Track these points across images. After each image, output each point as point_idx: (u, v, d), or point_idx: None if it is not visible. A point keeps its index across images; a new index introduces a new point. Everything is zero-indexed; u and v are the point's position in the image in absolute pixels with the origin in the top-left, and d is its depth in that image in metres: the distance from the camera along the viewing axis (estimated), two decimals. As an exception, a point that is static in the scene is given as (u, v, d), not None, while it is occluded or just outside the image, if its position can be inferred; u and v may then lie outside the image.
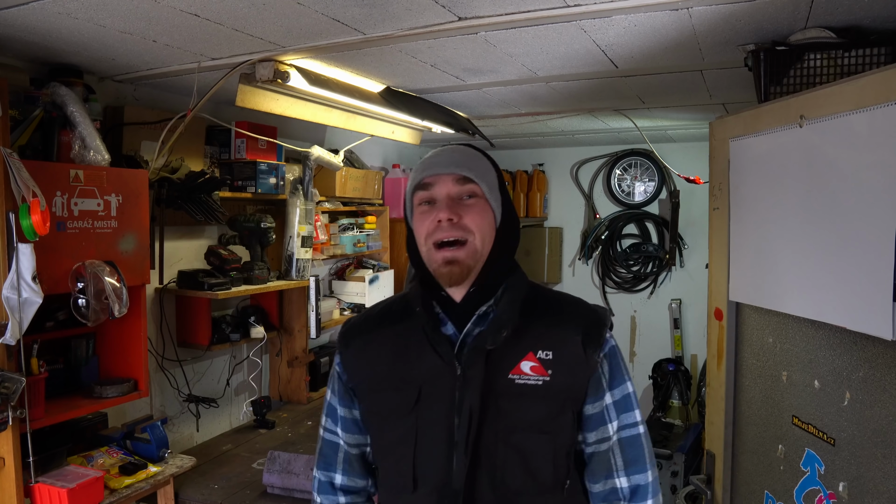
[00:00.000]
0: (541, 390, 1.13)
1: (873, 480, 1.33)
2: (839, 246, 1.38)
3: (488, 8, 1.61)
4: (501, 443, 1.12)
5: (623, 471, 1.19)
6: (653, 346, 4.80)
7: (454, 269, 1.12)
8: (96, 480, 1.98)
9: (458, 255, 1.13)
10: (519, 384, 1.13)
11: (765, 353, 1.72)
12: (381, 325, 1.25)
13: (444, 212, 1.12)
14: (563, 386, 1.14)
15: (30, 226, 1.70)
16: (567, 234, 5.03)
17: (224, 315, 2.93)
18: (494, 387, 1.13)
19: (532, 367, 1.14)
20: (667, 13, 1.65)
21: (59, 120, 2.01)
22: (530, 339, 1.16)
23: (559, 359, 1.14)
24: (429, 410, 1.15)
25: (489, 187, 1.17)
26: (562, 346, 1.15)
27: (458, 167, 1.15)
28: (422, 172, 1.17)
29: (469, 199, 1.15)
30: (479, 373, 1.12)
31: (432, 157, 1.19)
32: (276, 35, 1.83)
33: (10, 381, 1.74)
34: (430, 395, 1.15)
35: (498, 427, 1.12)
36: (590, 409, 1.18)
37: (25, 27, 1.73)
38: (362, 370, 1.24)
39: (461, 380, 1.12)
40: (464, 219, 1.13)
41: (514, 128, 3.83)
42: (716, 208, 1.91)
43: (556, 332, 1.17)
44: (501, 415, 1.13)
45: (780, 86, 1.73)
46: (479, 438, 1.12)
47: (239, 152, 2.86)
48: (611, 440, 1.19)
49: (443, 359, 1.14)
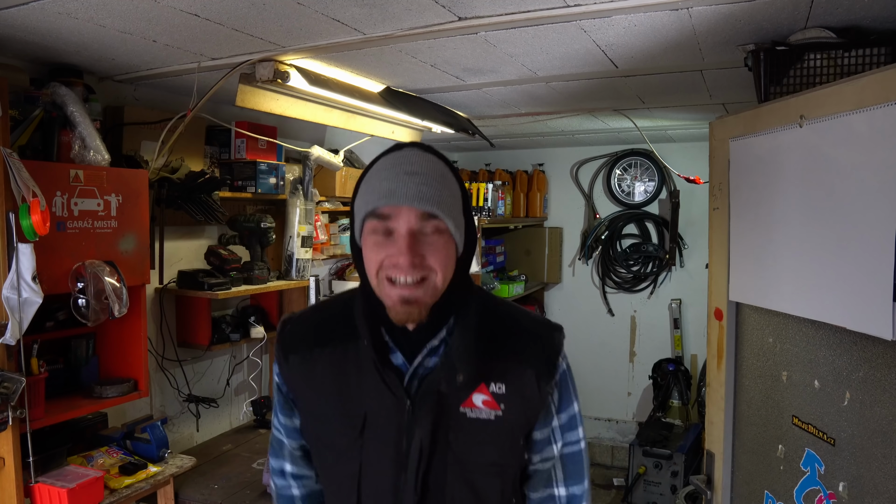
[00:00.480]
0: (492, 426, 1.09)
1: (873, 480, 1.33)
2: (839, 246, 1.37)
3: (488, 8, 1.61)
4: (451, 477, 1.09)
5: (562, 482, 1.21)
6: (653, 346, 4.80)
7: (412, 311, 1.01)
8: (96, 480, 1.98)
9: (416, 294, 1.01)
10: (470, 418, 1.08)
11: (765, 353, 1.72)
12: (324, 341, 1.15)
13: (405, 256, 0.98)
14: (515, 420, 1.11)
15: (30, 226, 1.70)
16: (567, 234, 5.03)
17: (224, 315, 2.93)
18: (445, 420, 1.08)
19: (484, 400, 1.09)
20: (667, 13, 1.65)
21: (59, 120, 2.01)
22: (483, 370, 1.09)
23: (512, 393, 1.10)
24: (375, 442, 1.09)
25: (455, 222, 1.03)
26: (515, 379, 1.10)
27: (423, 201, 0.99)
28: (379, 199, 1.00)
29: (431, 235, 1.01)
30: (430, 411, 1.07)
31: (391, 180, 1.01)
32: (276, 35, 1.83)
33: (10, 381, 1.74)
34: (376, 426, 1.09)
35: (447, 461, 1.08)
36: (538, 434, 1.17)
37: (25, 27, 1.73)
38: (301, 388, 1.17)
39: (410, 414, 1.06)
40: (427, 259, 1.00)
41: (514, 128, 3.83)
42: (716, 208, 1.91)
43: (509, 365, 1.11)
44: (451, 449, 1.08)
45: (780, 86, 1.73)
46: (429, 471, 1.08)
47: (239, 152, 2.86)
48: (553, 458, 1.19)
49: (391, 391, 1.07)
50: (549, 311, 5.12)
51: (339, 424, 1.12)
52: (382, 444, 1.09)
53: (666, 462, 3.99)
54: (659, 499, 4.03)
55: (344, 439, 1.12)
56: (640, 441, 4.14)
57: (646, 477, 4.05)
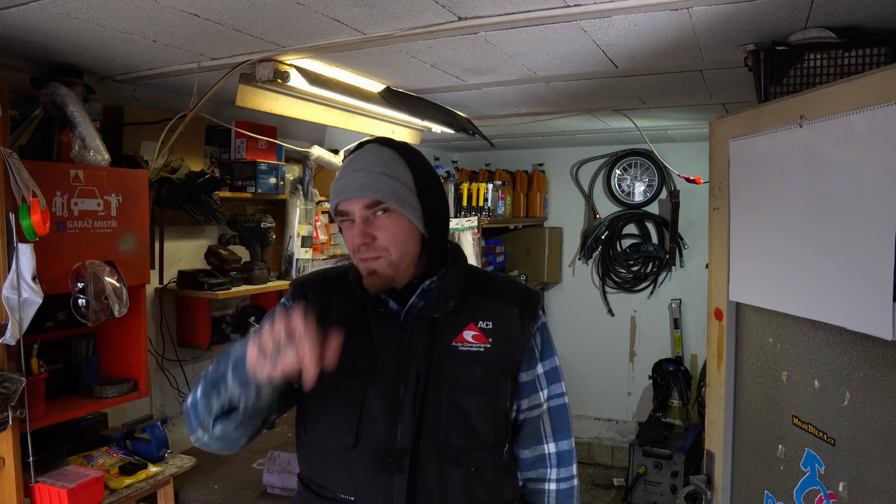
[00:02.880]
0: (482, 356, 1.23)
1: (873, 480, 1.33)
2: (839, 246, 1.37)
3: (488, 8, 1.61)
4: (445, 403, 1.21)
5: (552, 437, 1.32)
6: (653, 346, 4.81)
7: (375, 280, 1.19)
8: (96, 480, 1.98)
9: (376, 266, 1.19)
10: (462, 350, 1.23)
11: (765, 353, 1.72)
12: (339, 289, 1.30)
13: (358, 237, 1.18)
14: (502, 353, 1.24)
15: (30, 226, 1.70)
16: (567, 234, 5.04)
17: (224, 315, 2.93)
18: (439, 353, 1.22)
19: (474, 335, 1.24)
20: (667, 13, 1.65)
21: (59, 120, 2.01)
22: (471, 311, 1.25)
23: (498, 328, 1.25)
24: (376, 374, 1.21)
25: (401, 199, 1.18)
26: (500, 317, 1.26)
27: (364, 191, 1.17)
28: (336, 196, 1.20)
29: (381, 216, 1.18)
30: (425, 340, 1.21)
31: (343, 178, 1.20)
32: (276, 35, 1.83)
33: (10, 381, 1.74)
34: (379, 360, 1.22)
35: (441, 389, 1.21)
36: (524, 376, 1.30)
37: (25, 27, 1.73)
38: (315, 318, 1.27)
39: (407, 347, 1.21)
40: (377, 239, 1.18)
41: (514, 128, 3.83)
42: (716, 208, 1.91)
43: (495, 305, 1.27)
44: (445, 378, 1.21)
45: (780, 86, 1.73)
46: (424, 400, 1.20)
47: (239, 152, 2.86)
48: (541, 408, 1.31)
49: (389, 328, 1.22)
50: (549, 311, 5.13)
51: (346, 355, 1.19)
52: (383, 376, 1.21)
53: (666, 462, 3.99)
54: (659, 499, 4.03)
55: (350, 370, 1.21)
56: (640, 441, 4.14)
57: (646, 477, 4.05)
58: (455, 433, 1.20)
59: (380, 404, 1.20)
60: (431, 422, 1.20)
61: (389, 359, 1.22)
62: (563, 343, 5.06)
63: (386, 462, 1.18)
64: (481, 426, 1.22)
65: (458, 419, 1.21)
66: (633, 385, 4.91)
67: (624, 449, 4.78)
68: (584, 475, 4.73)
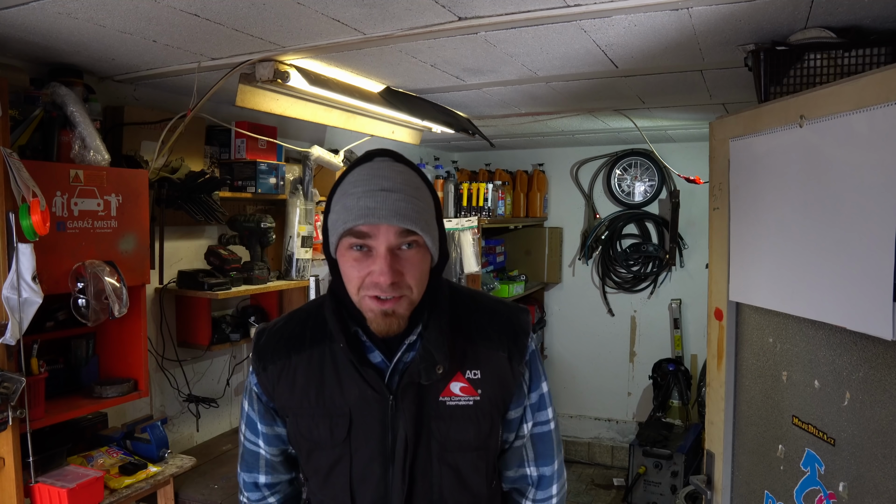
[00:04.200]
0: (471, 410, 1.16)
1: (873, 480, 1.33)
2: (839, 246, 1.37)
3: (488, 8, 1.61)
4: (436, 462, 1.15)
5: (533, 462, 1.28)
6: (653, 346, 4.80)
7: (392, 322, 1.07)
8: (96, 480, 1.98)
9: (396, 307, 1.06)
10: (450, 406, 1.15)
11: (765, 353, 1.72)
12: (300, 349, 1.18)
13: (386, 276, 1.02)
14: (492, 403, 1.18)
15: (30, 226, 1.70)
16: (567, 234, 5.03)
17: (224, 315, 2.93)
18: (426, 410, 1.14)
19: (462, 387, 1.15)
20: (667, 13, 1.65)
21: (59, 120, 2.01)
22: (457, 359, 1.15)
23: (487, 376, 1.17)
24: (361, 438, 1.15)
25: (431, 235, 1.08)
26: (488, 363, 1.17)
27: (402, 218, 1.02)
28: (357, 217, 1.02)
29: (409, 250, 1.05)
30: (412, 403, 1.13)
31: (368, 197, 1.03)
32: (276, 35, 1.83)
33: (10, 381, 1.74)
34: (361, 422, 1.15)
35: (432, 448, 1.15)
36: (512, 413, 1.24)
37: (25, 27, 1.73)
38: (283, 396, 1.20)
39: (393, 409, 1.13)
40: (405, 276, 1.05)
41: (514, 128, 3.83)
42: (716, 208, 1.91)
43: (482, 351, 1.17)
44: (434, 436, 1.15)
45: (780, 86, 1.73)
46: (415, 460, 1.14)
47: (239, 152, 2.86)
48: (524, 437, 1.27)
49: (373, 388, 1.12)
50: (549, 311, 5.13)
51: (325, 425, 1.17)
52: (369, 439, 1.15)
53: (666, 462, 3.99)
54: (659, 499, 4.03)
55: (332, 439, 1.16)
56: (640, 441, 4.14)
57: (646, 477, 4.05)
58: (448, 491, 1.17)
59: (368, 468, 1.15)
60: (423, 482, 1.15)
61: (372, 417, 1.14)
62: (563, 343, 5.06)
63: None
64: (474, 479, 1.19)
65: (451, 476, 1.17)
66: (633, 385, 4.91)
67: (624, 449, 4.78)
68: (584, 475, 4.74)
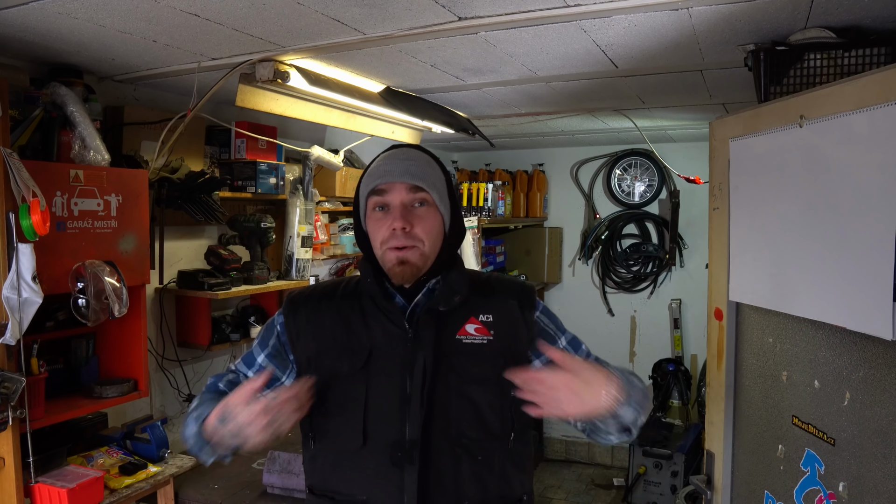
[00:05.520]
0: (486, 348, 1.26)
1: (873, 480, 1.33)
2: (839, 246, 1.37)
3: (488, 8, 1.61)
4: (454, 394, 1.23)
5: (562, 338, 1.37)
6: (653, 346, 4.80)
7: (405, 269, 1.22)
8: (96, 480, 1.98)
9: (408, 256, 1.21)
10: (466, 343, 1.26)
11: (765, 353, 1.72)
12: (330, 298, 1.33)
13: (398, 221, 1.21)
14: (505, 343, 1.28)
15: (30, 226, 1.70)
16: (567, 234, 5.03)
17: (224, 315, 2.93)
18: (444, 347, 1.24)
19: (476, 328, 1.28)
20: (667, 13, 1.65)
21: (59, 120, 2.01)
22: (471, 306, 1.29)
23: (499, 320, 1.29)
24: (379, 370, 1.24)
25: (439, 195, 1.26)
26: (500, 310, 1.30)
27: (411, 177, 1.22)
28: (377, 179, 1.24)
29: (420, 207, 1.24)
30: (431, 333, 1.24)
31: (387, 164, 1.25)
32: (276, 35, 1.83)
33: (10, 381, 1.74)
34: (381, 356, 1.24)
35: (450, 381, 1.24)
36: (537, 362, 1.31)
37: (25, 27, 1.73)
38: (307, 333, 1.30)
39: (413, 341, 1.23)
40: (415, 228, 1.22)
41: (514, 128, 3.83)
42: (716, 208, 1.91)
43: (493, 300, 1.31)
44: (452, 370, 1.24)
45: (780, 86, 1.73)
46: (433, 393, 1.22)
47: (239, 152, 2.86)
48: None
49: (394, 323, 1.25)
50: (549, 311, 5.12)
51: (345, 357, 1.25)
52: (387, 371, 1.23)
53: (666, 462, 3.99)
54: (659, 499, 4.03)
55: (350, 369, 1.25)
56: (640, 441, 4.14)
57: (646, 477, 4.05)
58: (466, 424, 1.23)
59: (385, 400, 1.22)
60: (441, 413, 1.22)
61: (393, 353, 1.24)
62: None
63: (396, 456, 1.20)
64: (490, 415, 1.25)
65: (469, 410, 1.24)
66: (633, 385, 4.91)
67: (624, 449, 4.78)
68: (584, 475, 4.74)
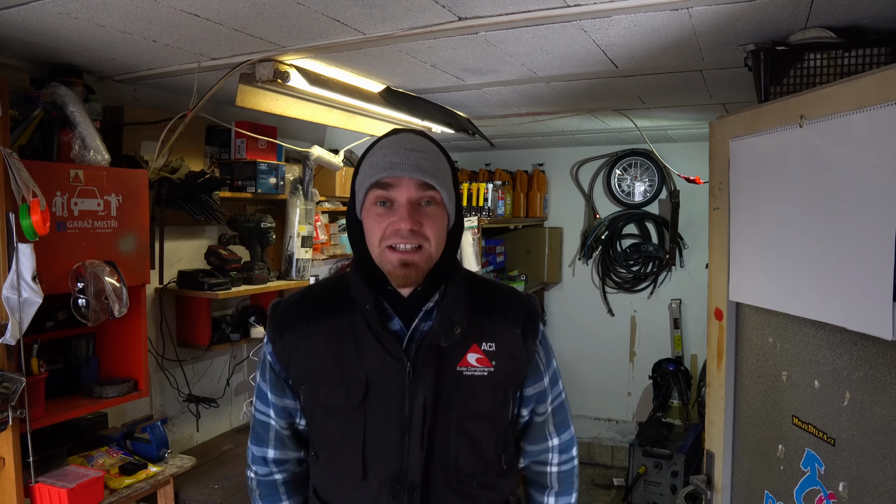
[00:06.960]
0: (487, 381, 1.21)
1: (873, 480, 1.33)
2: (839, 246, 1.37)
3: (488, 8, 1.61)
4: (454, 430, 1.19)
5: (555, 432, 1.37)
6: (653, 346, 4.80)
7: (410, 273, 1.12)
8: (96, 480, 1.98)
9: (414, 258, 1.12)
10: (467, 376, 1.20)
11: (765, 353, 1.72)
12: (318, 316, 1.22)
13: (406, 222, 1.10)
14: (506, 374, 1.23)
15: (30, 226, 1.70)
16: (567, 234, 5.03)
17: (224, 315, 2.93)
18: (444, 380, 1.18)
19: (478, 358, 1.21)
20: (667, 13, 1.65)
21: (59, 120, 2.01)
22: (474, 331, 1.21)
23: (501, 350, 1.22)
24: (377, 407, 1.18)
25: (448, 194, 1.16)
26: (503, 337, 1.23)
27: (422, 173, 1.11)
28: (382, 171, 1.11)
29: (428, 206, 1.13)
30: (431, 368, 1.16)
31: (393, 154, 1.12)
32: (276, 35, 1.83)
33: (10, 381, 1.74)
34: (378, 390, 1.17)
35: (450, 417, 1.19)
36: (530, 390, 1.31)
37: (25, 27, 1.73)
38: (299, 364, 1.23)
39: (411, 375, 1.16)
40: (423, 227, 1.12)
41: (514, 128, 3.83)
42: (716, 208, 1.91)
43: (498, 325, 1.24)
44: (453, 407, 1.19)
45: (780, 86, 1.73)
46: (433, 430, 1.17)
47: (239, 152, 2.86)
48: (546, 413, 1.35)
49: (391, 354, 1.16)
50: (549, 311, 5.12)
51: (341, 392, 1.19)
52: (385, 406, 1.17)
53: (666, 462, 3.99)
54: (659, 499, 4.03)
55: (347, 404, 1.18)
56: (640, 441, 4.14)
57: (646, 477, 4.05)
58: (464, 459, 1.21)
59: (385, 433, 1.17)
60: (440, 448, 1.19)
61: (389, 385, 1.17)
62: (563, 343, 5.06)
63: (397, 490, 1.18)
64: (487, 448, 1.23)
65: (467, 445, 1.21)
66: (633, 385, 4.91)
67: (624, 449, 4.78)
68: (584, 475, 4.73)
